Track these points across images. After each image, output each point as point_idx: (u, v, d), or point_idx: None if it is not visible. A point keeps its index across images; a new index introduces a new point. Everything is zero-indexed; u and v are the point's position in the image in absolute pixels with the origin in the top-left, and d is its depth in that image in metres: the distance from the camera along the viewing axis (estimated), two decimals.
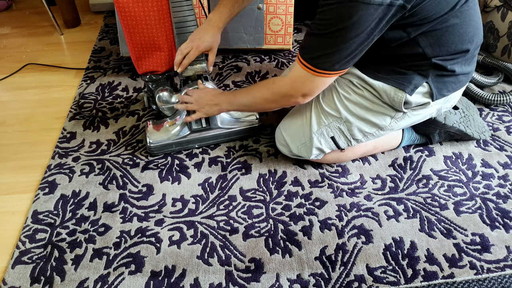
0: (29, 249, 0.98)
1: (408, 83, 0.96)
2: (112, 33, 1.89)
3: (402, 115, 1.02)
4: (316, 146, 1.07)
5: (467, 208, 1.05)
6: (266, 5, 1.54)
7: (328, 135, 1.06)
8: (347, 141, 1.07)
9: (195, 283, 0.90)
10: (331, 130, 1.05)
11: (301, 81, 0.92)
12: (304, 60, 0.88)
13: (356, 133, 1.05)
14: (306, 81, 0.91)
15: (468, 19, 0.90)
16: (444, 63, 0.93)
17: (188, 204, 1.08)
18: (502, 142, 1.23)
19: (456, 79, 0.98)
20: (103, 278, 0.91)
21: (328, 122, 1.05)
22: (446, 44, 0.90)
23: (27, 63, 1.70)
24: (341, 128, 1.05)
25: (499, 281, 0.89)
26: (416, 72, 0.95)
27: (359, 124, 1.04)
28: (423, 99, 0.99)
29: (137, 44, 1.15)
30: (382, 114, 1.02)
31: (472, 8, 0.91)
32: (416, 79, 0.96)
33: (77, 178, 1.16)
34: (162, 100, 1.21)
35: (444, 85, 0.98)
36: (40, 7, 2.05)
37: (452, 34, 0.89)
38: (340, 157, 1.14)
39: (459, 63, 0.95)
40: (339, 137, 1.06)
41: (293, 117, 1.12)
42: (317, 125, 1.05)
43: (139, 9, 1.08)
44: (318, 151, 1.08)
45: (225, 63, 1.64)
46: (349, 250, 0.96)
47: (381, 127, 1.04)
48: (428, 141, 1.21)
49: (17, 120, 1.41)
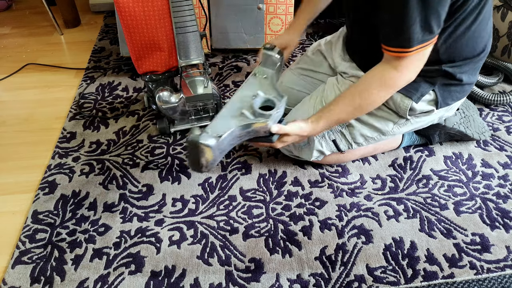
0: (29, 249, 0.98)
1: (415, 91, 0.95)
2: (112, 33, 1.89)
3: (405, 121, 1.02)
4: (317, 149, 1.07)
5: (467, 208, 1.05)
6: (266, 5, 1.54)
7: (330, 138, 1.06)
8: (348, 144, 1.07)
9: (195, 283, 0.90)
10: (333, 133, 1.06)
11: (413, 66, 0.86)
12: (411, 46, 0.80)
13: (357, 137, 1.05)
14: (417, 62, 0.85)
15: (484, 23, 0.89)
16: (453, 71, 0.92)
17: (188, 204, 1.08)
18: (502, 142, 1.23)
19: (461, 89, 0.98)
20: (103, 278, 0.91)
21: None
22: (461, 48, 0.89)
23: (27, 63, 1.70)
24: (343, 132, 1.05)
25: (499, 281, 0.89)
26: (424, 79, 0.94)
27: (361, 129, 1.04)
28: (428, 107, 0.99)
29: (137, 44, 1.15)
30: (385, 120, 1.02)
31: (488, 12, 0.89)
32: (423, 86, 0.95)
33: (77, 178, 1.16)
34: (162, 100, 1.20)
35: (449, 94, 0.98)
36: (40, 7, 2.04)
37: (470, 38, 0.88)
38: (340, 158, 1.14)
39: (467, 72, 0.95)
40: (341, 140, 1.06)
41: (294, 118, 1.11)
42: None
43: (139, 9, 1.08)
44: (319, 153, 1.08)
45: (225, 63, 1.64)
46: (349, 250, 0.96)
47: (383, 132, 1.04)
48: (428, 142, 1.21)
49: (17, 120, 1.41)
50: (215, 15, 1.57)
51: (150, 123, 1.35)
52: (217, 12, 1.56)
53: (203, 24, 1.57)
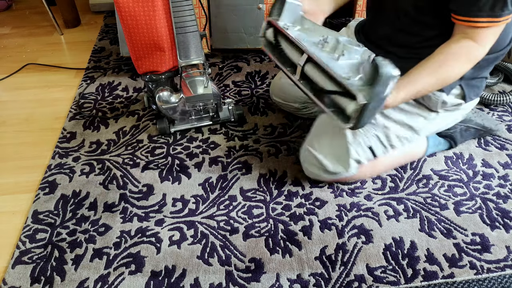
0: (29, 249, 0.98)
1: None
2: (112, 33, 1.89)
3: (434, 115, 1.02)
4: (354, 158, 1.00)
5: (467, 208, 1.05)
6: (266, 5, 1.54)
7: (366, 144, 1.00)
8: (383, 148, 1.03)
9: (195, 283, 0.90)
10: (368, 139, 1.00)
11: (490, 42, 0.84)
12: (502, 15, 0.79)
13: (392, 139, 1.02)
14: (492, 37, 0.84)
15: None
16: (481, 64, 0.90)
17: (188, 204, 1.08)
18: (503, 140, 1.23)
19: (481, 84, 0.99)
20: (103, 278, 0.91)
21: (364, 130, 0.99)
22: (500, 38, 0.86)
23: (27, 63, 1.70)
24: (378, 135, 1.01)
25: (499, 281, 0.89)
26: None
27: (394, 128, 1.01)
28: (457, 100, 0.99)
29: (137, 44, 1.15)
30: (416, 115, 1.01)
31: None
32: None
33: (77, 178, 1.16)
34: (162, 100, 1.21)
35: (472, 89, 0.98)
36: (40, 7, 2.04)
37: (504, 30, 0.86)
38: (374, 169, 1.08)
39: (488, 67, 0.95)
40: (376, 145, 1.01)
41: (321, 132, 1.04)
42: (353, 135, 0.99)
43: (139, 9, 1.08)
44: (356, 163, 1.01)
45: (225, 63, 1.64)
46: (349, 250, 0.96)
47: (415, 129, 1.03)
48: (453, 143, 1.19)
49: (17, 120, 1.41)
50: (215, 15, 1.57)
51: (150, 123, 1.35)
52: (217, 12, 1.56)
53: (203, 24, 1.57)
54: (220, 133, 1.30)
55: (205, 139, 1.28)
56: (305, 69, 0.71)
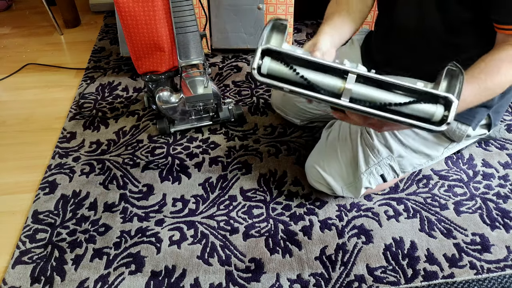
0: (30, 249, 0.98)
1: (473, 117, 0.91)
2: (112, 33, 1.89)
3: (455, 144, 0.99)
4: (365, 186, 0.99)
5: (467, 208, 1.05)
6: (266, 5, 1.54)
7: (378, 173, 0.98)
8: (395, 174, 1.00)
9: (195, 283, 0.90)
10: (381, 168, 0.98)
11: None
12: None
13: (406, 167, 1.01)
14: None
15: None
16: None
17: (188, 204, 1.08)
18: (503, 140, 1.23)
19: (506, 103, 0.94)
20: (103, 278, 0.91)
21: (378, 160, 0.97)
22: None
23: (27, 63, 1.70)
24: (392, 165, 0.98)
25: (499, 281, 0.89)
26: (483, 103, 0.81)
27: (411, 157, 0.99)
28: (481, 131, 0.97)
29: (137, 44, 1.15)
30: (436, 145, 0.98)
31: None
32: (480, 112, 0.91)
33: (78, 178, 1.16)
34: (162, 100, 1.21)
35: (498, 115, 0.95)
36: (40, 7, 2.04)
37: None
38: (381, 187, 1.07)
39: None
40: (388, 173, 0.99)
41: (330, 153, 1.02)
42: (365, 164, 0.97)
43: (139, 9, 1.08)
44: (365, 190, 1.01)
45: (225, 63, 1.64)
46: (349, 250, 0.96)
47: (432, 157, 1.00)
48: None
49: (17, 120, 1.41)
50: (215, 15, 1.57)
51: (150, 123, 1.35)
52: (217, 12, 1.56)
53: (203, 24, 1.57)
54: (220, 133, 1.30)
55: (205, 139, 1.28)
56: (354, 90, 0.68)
